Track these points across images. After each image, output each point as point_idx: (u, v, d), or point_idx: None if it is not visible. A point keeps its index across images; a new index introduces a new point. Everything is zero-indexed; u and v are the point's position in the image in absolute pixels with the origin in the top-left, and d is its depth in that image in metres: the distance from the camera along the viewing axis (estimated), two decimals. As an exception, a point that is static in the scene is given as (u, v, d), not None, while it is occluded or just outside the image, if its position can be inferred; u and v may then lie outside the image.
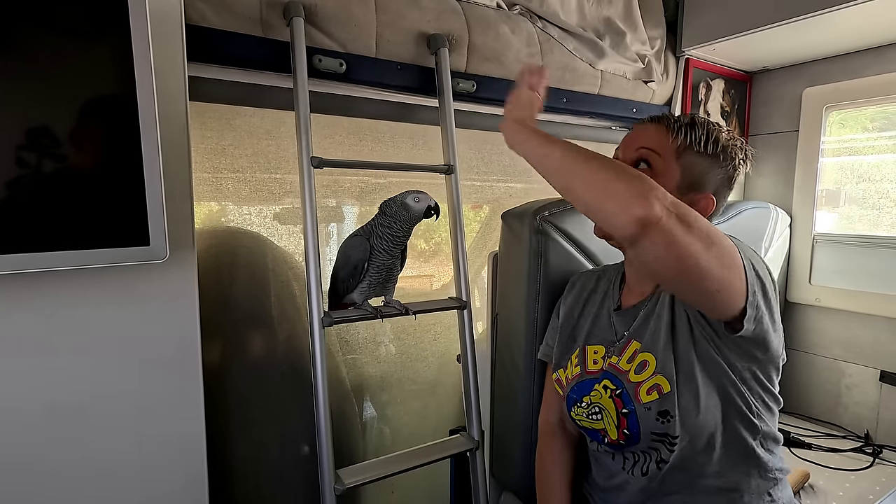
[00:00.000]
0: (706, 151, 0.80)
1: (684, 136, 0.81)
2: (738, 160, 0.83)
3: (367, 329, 1.41)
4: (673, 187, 0.81)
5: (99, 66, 0.72)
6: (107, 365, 0.80)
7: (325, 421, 0.95)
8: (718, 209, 0.85)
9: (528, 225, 1.14)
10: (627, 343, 0.85)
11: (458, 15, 1.21)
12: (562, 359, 0.98)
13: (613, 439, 0.87)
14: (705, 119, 0.84)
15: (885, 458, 1.46)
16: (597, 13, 1.50)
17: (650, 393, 0.80)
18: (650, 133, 0.84)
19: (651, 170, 0.81)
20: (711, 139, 0.81)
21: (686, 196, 0.81)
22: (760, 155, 1.89)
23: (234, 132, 1.13)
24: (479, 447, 1.13)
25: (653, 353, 0.81)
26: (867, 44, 1.56)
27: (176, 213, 0.82)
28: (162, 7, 0.80)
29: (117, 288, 0.80)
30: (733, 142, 0.83)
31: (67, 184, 0.70)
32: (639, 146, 0.84)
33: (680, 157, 0.81)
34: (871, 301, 1.60)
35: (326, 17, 1.04)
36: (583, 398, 0.90)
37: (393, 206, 0.98)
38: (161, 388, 0.85)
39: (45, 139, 0.68)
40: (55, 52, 0.68)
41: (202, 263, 0.97)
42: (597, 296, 0.98)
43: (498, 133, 1.50)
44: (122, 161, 0.73)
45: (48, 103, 0.68)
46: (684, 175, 0.81)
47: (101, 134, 0.72)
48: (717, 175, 0.82)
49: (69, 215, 0.71)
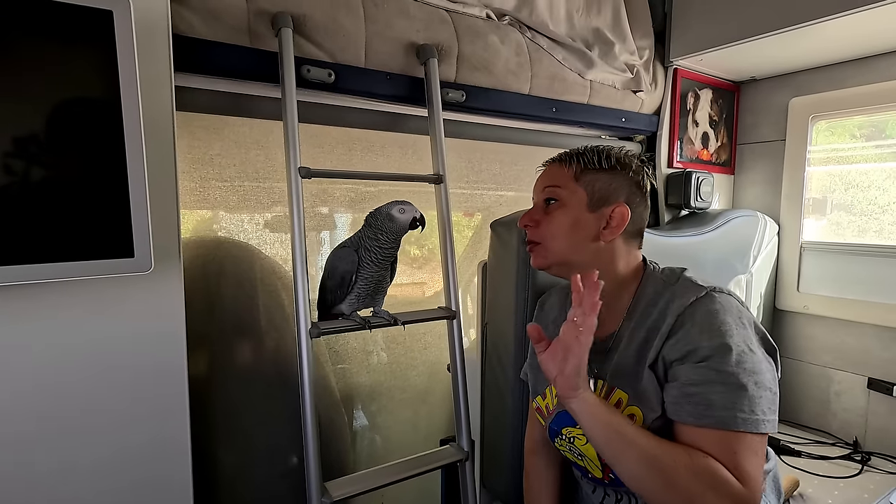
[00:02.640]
0: (602, 167, 0.85)
1: (577, 162, 0.86)
2: (634, 165, 0.87)
3: (357, 338, 1.40)
4: (584, 208, 0.84)
5: (83, 76, 0.71)
6: (91, 376, 0.80)
7: (311, 433, 0.94)
8: (640, 216, 0.87)
9: (517, 234, 1.14)
10: (611, 391, 0.82)
11: (448, 25, 1.22)
12: (538, 385, 0.97)
13: (598, 477, 0.87)
14: (596, 145, 0.89)
15: (873, 465, 1.47)
16: (585, 23, 1.51)
17: None
18: (549, 173, 0.90)
19: (558, 202, 0.86)
20: (604, 156, 0.85)
21: (599, 211, 0.84)
22: (748, 164, 1.91)
23: (221, 142, 1.13)
24: (468, 458, 1.12)
25: (639, 408, 0.78)
26: (851, 55, 1.58)
27: (161, 224, 0.82)
28: (149, 17, 0.80)
29: (102, 299, 0.80)
30: (625, 153, 0.88)
31: (49, 195, 0.69)
32: (543, 186, 0.89)
33: (579, 179, 0.85)
34: (858, 308, 1.61)
35: (315, 27, 1.04)
36: (562, 430, 0.89)
37: (378, 218, 0.98)
38: (146, 398, 0.84)
39: (25, 149, 0.68)
40: (38, 61, 0.68)
41: (189, 273, 0.96)
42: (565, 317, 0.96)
43: (488, 143, 1.52)
44: (105, 172, 0.73)
45: (29, 113, 0.68)
46: (590, 193, 0.84)
47: (84, 144, 0.72)
48: (623, 183, 0.85)
49: (51, 227, 0.70)
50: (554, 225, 0.85)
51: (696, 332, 0.74)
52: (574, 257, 0.85)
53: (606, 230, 0.83)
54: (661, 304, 0.81)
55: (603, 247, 0.84)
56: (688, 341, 0.74)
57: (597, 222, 0.84)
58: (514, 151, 1.59)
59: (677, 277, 0.84)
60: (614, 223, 0.83)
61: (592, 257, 0.84)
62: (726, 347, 0.71)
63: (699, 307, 0.76)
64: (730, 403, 0.69)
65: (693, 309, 0.76)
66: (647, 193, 0.88)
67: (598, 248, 0.84)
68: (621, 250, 0.86)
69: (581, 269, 0.82)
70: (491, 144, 1.52)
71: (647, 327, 0.81)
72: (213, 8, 0.94)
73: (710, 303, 0.76)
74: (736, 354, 0.71)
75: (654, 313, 0.81)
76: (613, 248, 0.85)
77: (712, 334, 0.73)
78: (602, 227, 0.83)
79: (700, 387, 0.71)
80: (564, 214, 0.85)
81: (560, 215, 0.85)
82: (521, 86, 1.36)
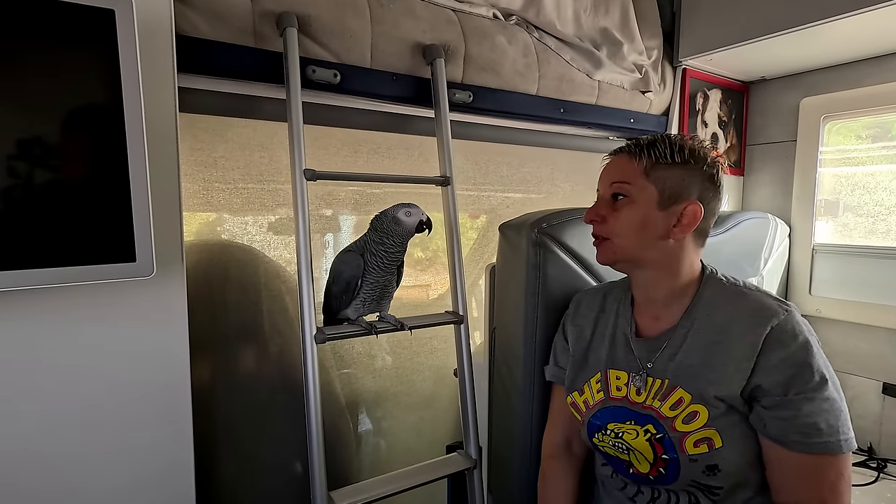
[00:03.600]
0: (675, 161, 0.80)
1: (648, 155, 0.81)
2: (710, 158, 0.82)
3: (363, 343, 1.38)
4: (654, 205, 0.81)
5: (84, 78, 0.70)
6: (93, 383, 0.78)
7: (317, 442, 0.92)
8: (712, 212, 0.84)
9: (527, 237, 1.12)
10: (672, 389, 0.81)
11: (454, 25, 1.20)
12: (576, 381, 0.94)
13: (642, 472, 0.84)
14: (668, 134, 0.84)
15: (889, 472, 1.44)
16: (593, 23, 1.49)
17: (698, 445, 0.77)
18: (617, 165, 0.85)
19: (627, 198, 0.82)
20: (676, 149, 0.81)
21: (669, 209, 0.81)
22: (758, 165, 1.88)
23: (225, 144, 1.11)
24: (476, 466, 1.10)
25: (705, 407, 0.78)
26: (864, 54, 1.55)
27: (164, 228, 0.80)
28: (152, 18, 0.79)
29: (103, 304, 0.78)
30: (699, 144, 0.83)
31: (49, 199, 0.68)
32: (611, 181, 0.85)
33: (650, 175, 0.81)
34: (872, 312, 1.58)
35: (321, 27, 1.02)
36: (607, 425, 0.87)
37: (384, 221, 0.95)
38: (149, 405, 0.83)
39: (25, 152, 0.66)
40: (38, 62, 0.66)
41: (192, 277, 0.95)
42: (607, 316, 0.94)
43: (495, 144, 1.50)
44: (107, 175, 0.71)
45: (30, 116, 0.66)
46: (661, 190, 0.81)
47: (85, 148, 0.70)
48: (696, 179, 0.81)
49: (51, 231, 0.68)
50: (621, 222, 0.82)
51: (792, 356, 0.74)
52: (642, 254, 0.83)
53: (677, 228, 0.80)
54: (730, 309, 0.80)
55: (672, 244, 0.82)
56: (784, 368, 0.74)
57: (667, 220, 0.81)
58: (522, 153, 1.57)
59: (744, 284, 0.84)
60: (685, 221, 0.80)
61: (661, 255, 0.82)
62: (821, 373, 0.74)
63: (786, 326, 0.76)
64: (834, 429, 0.73)
65: (781, 329, 0.76)
66: (721, 187, 0.84)
67: (667, 246, 0.82)
68: (689, 250, 0.83)
69: (648, 266, 0.84)
70: (498, 146, 1.50)
71: (717, 330, 0.79)
72: (217, 8, 0.93)
73: (794, 323, 0.77)
74: (830, 379, 0.74)
75: (724, 317, 0.80)
76: (682, 245, 0.83)
77: (807, 357, 0.74)
78: (672, 224, 0.81)
79: (811, 417, 0.73)
80: (633, 212, 0.81)
81: (628, 212, 0.82)
82: (528, 86, 1.34)
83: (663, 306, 0.85)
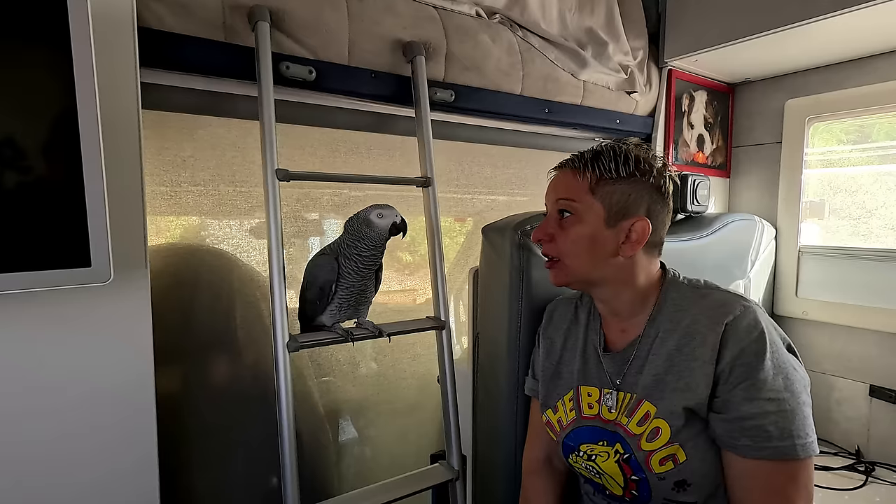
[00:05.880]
0: (620, 175, 0.77)
1: (592, 170, 0.78)
2: (655, 169, 0.79)
3: (343, 350, 1.34)
4: (601, 223, 0.78)
5: (35, 73, 0.65)
6: (46, 396, 0.73)
7: (289, 455, 0.88)
8: (662, 224, 0.81)
9: (510, 239, 1.09)
10: (639, 404, 0.78)
11: (436, 22, 1.17)
12: (549, 398, 0.91)
13: (617, 495, 0.82)
14: (612, 143, 0.81)
15: (877, 476, 1.43)
16: (579, 23, 1.47)
17: (664, 463, 0.75)
18: (562, 181, 0.82)
19: (574, 216, 0.80)
20: (621, 162, 0.77)
21: (617, 226, 0.78)
22: (744, 167, 1.87)
23: (195, 143, 1.06)
24: (459, 477, 1.06)
25: (666, 421, 0.75)
26: (847, 55, 1.55)
27: (125, 232, 0.76)
28: (111, 9, 0.75)
29: (59, 312, 0.73)
30: (645, 153, 0.80)
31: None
32: (557, 198, 0.82)
33: (595, 192, 0.78)
34: (858, 314, 1.57)
35: (295, 22, 0.99)
36: (580, 446, 0.84)
37: (356, 224, 0.91)
38: (110, 417, 0.78)
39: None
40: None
41: (159, 283, 0.90)
42: (578, 329, 0.92)
43: (479, 145, 1.47)
44: (59, 176, 0.67)
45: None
46: (607, 206, 0.78)
47: (36, 146, 0.66)
48: (643, 192, 0.78)
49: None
50: (570, 241, 0.80)
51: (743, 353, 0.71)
52: (595, 273, 0.80)
53: (626, 245, 0.78)
54: (693, 311, 0.77)
55: (623, 261, 0.79)
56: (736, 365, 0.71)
57: (615, 237, 0.78)
58: (507, 154, 1.54)
59: (705, 284, 0.81)
60: (634, 238, 0.77)
61: (614, 271, 0.80)
62: (772, 371, 0.70)
63: (741, 322, 0.73)
64: (787, 432, 0.69)
65: (737, 324, 0.73)
66: (670, 196, 0.81)
67: (619, 263, 0.79)
68: (642, 262, 0.81)
69: (603, 283, 0.81)
70: (482, 146, 1.47)
71: (682, 333, 0.77)
72: (183, 0, 0.88)
73: (752, 318, 0.74)
74: (786, 378, 0.71)
75: (686, 320, 0.77)
76: (634, 261, 0.80)
77: (760, 354, 0.71)
78: (621, 241, 0.78)
79: (755, 419, 0.70)
80: (581, 230, 0.79)
81: (576, 231, 0.79)
82: (512, 86, 1.31)
83: (629, 317, 0.83)
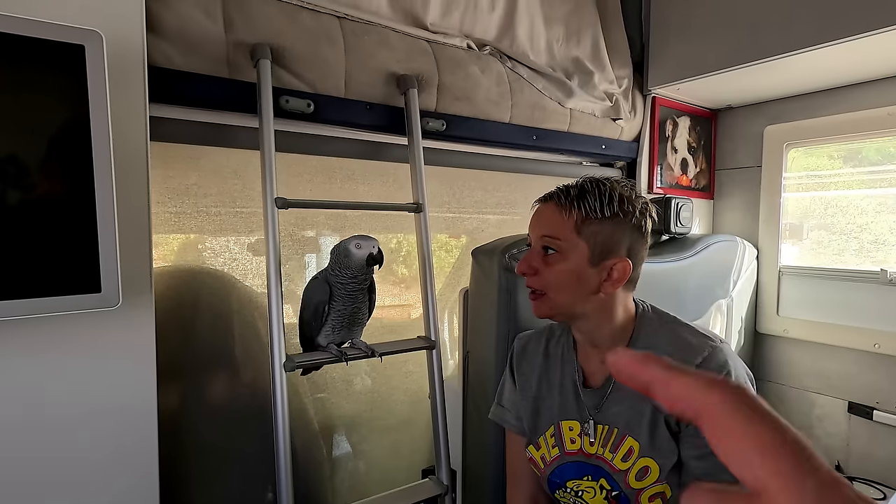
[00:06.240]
0: (605, 215, 0.80)
1: (578, 209, 0.80)
2: (638, 210, 0.82)
3: (336, 368, 1.38)
4: (585, 262, 0.81)
5: (53, 109, 0.70)
6: (54, 418, 0.76)
7: (285, 471, 0.91)
8: (640, 260, 0.85)
9: (498, 262, 1.14)
10: (622, 439, 0.81)
11: (428, 55, 1.23)
12: (532, 435, 0.94)
13: None
14: (597, 180, 0.83)
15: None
16: (566, 53, 1.54)
17: (653, 500, 0.78)
18: (546, 217, 0.84)
19: (559, 253, 0.82)
20: (606, 202, 0.80)
21: (600, 265, 0.81)
22: (727, 189, 1.94)
23: (198, 171, 1.11)
24: (448, 492, 1.10)
25: (654, 458, 0.78)
26: (822, 85, 1.63)
27: (132, 258, 0.80)
28: (124, 50, 0.80)
29: (66, 337, 0.77)
30: (629, 191, 0.83)
31: (11, 229, 0.67)
32: (541, 234, 0.85)
33: (580, 231, 0.81)
34: (837, 333, 1.63)
35: (294, 58, 1.04)
36: (566, 483, 0.87)
37: (336, 253, 0.95)
38: (114, 437, 0.81)
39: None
40: (7, 93, 0.66)
41: (162, 305, 0.94)
42: (553, 362, 0.94)
43: (470, 170, 1.52)
44: (73, 205, 0.71)
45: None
46: (591, 246, 0.80)
47: (51, 177, 0.70)
48: (626, 232, 0.81)
49: (13, 262, 0.68)
50: (555, 277, 0.82)
51: None
52: (577, 308, 0.84)
53: (607, 283, 0.81)
54: (662, 345, 0.81)
55: (603, 297, 0.83)
56: None
57: (598, 275, 0.81)
58: (496, 178, 1.60)
59: (674, 319, 0.85)
60: (616, 276, 0.81)
61: (595, 306, 0.84)
62: None
63: (710, 365, 0.76)
64: None
65: (704, 368, 0.76)
66: (648, 234, 0.85)
67: (599, 299, 0.83)
68: (620, 297, 0.85)
69: (584, 317, 0.84)
70: (473, 172, 1.53)
71: None
72: (190, 39, 0.94)
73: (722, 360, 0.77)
74: None
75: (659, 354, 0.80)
76: (613, 297, 0.84)
77: None
78: (603, 279, 0.81)
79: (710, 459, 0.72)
80: (565, 267, 0.82)
81: (561, 267, 0.82)
82: (501, 115, 1.37)
83: (609, 347, 0.86)
